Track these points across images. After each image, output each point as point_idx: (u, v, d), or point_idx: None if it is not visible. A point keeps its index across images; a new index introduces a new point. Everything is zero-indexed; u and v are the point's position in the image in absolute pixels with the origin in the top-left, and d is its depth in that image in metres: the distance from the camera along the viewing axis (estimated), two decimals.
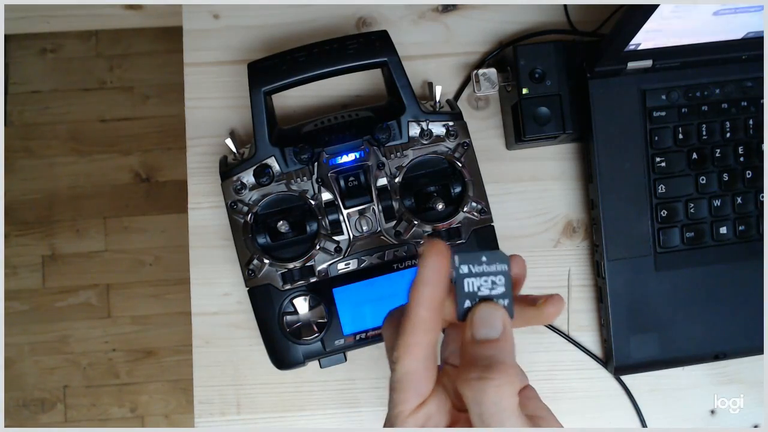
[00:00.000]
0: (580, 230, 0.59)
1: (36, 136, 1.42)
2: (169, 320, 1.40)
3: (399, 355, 0.29)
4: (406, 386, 0.29)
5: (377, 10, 0.61)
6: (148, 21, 1.38)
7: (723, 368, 0.58)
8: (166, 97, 1.42)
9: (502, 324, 0.29)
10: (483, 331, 0.29)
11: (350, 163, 0.52)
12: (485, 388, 0.27)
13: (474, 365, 0.28)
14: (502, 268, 0.30)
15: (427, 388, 0.30)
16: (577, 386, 0.58)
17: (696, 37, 0.51)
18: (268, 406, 0.57)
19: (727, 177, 0.55)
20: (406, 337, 0.29)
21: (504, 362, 0.28)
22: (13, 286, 1.39)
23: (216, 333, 0.58)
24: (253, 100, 0.51)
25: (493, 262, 0.30)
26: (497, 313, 0.29)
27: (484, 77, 0.56)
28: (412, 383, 0.29)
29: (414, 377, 0.29)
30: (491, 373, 0.27)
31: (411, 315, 0.29)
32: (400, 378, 0.29)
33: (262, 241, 0.51)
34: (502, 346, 0.28)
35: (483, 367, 0.27)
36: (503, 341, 0.29)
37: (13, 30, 1.40)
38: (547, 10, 0.60)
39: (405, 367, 0.29)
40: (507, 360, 0.28)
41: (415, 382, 0.29)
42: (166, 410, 1.39)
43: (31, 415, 1.39)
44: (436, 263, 0.29)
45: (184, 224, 0.58)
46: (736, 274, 0.56)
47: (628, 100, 0.55)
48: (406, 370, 0.29)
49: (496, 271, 0.30)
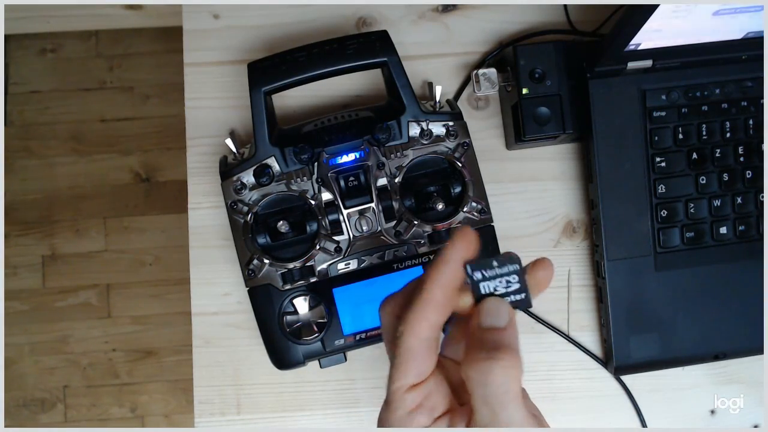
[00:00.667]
0: (580, 230, 0.59)
1: (36, 136, 1.42)
2: (169, 320, 1.40)
3: (404, 330, 0.29)
4: (407, 360, 0.29)
5: (377, 10, 0.61)
6: (148, 21, 1.38)
7: (723, 368, 0.58)
8: (166, 97, 1.42)
9: (508, 315, 0.30)
10: (490, 320, 0.29)
11: (350, 163, 0.52)
12: (493, 368, 0.27)
13: (482, 347, 0.28)
14: (514, 268, 0.31)
15: (427, 367, 0.30)
16: (577, 386, 0.58)
17: (696, 37, 0.51)
18: (268, 406, 0.57)
19: (727, 177, 0.55)
20: (416, 312, 0.29)
21: (511, 346, 0.28)
22: (13, 286, 1.39)
23: (216, 333, 0.58)
24: (253, 100, 0.51)
25: (504, 264, 0.31)
26: (504, 305, 0.30)
27: (484, 77, 0.56)
28: (414, 359, 0.29)
29: (416, 353, 0.29)
30: (499, 353, 0.28)
31: (425, 292, 0.29)
32: (402, 352, 0.29)
33: (262, 241, 0.51)
34: (509, 333, 0.29)
35: (491, 349, 0.28)
36: (510, 329, 0.29)
37: (13, 30, 1.40)
38: (547, 10, 0.60)
39: (409, 341, 0.29)
40: (514, 345, 0.29)
41: (416, 359, 0.29)
42: (166, 410, 1.39)
43: (31, 415, 1.39)
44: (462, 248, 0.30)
45: (184, 224, 0.58)
46: (736, 274, 0.56)
47: (628, 100, 0.55)
48: (409, 345, 0.29)
49: (508, 271, 0.31)
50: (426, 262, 0.52)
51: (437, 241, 0.52)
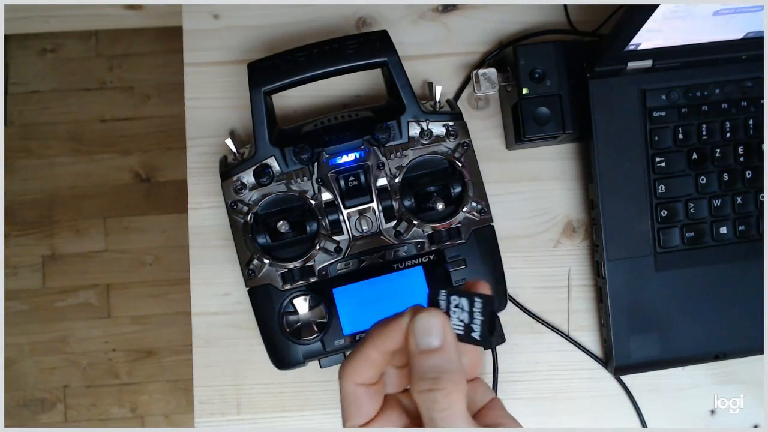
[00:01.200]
0: (580, 230, 0.59)
1: (36, 136, 1.42)
2: (169, 320, 1.40)
3: (341, 376, 0.32)
4: (348, 405, 0.32)
5: (377, 10, 0.61)
6: (148, 21, 1.38)
7: (723, 368, 0.58)
8: (166, 97, 1.42)
9: (441, 332, 0.30)
10: (425, 340, 0.30)
11: (350, 163, 0.52)
12: (436, 398, 0.29)
13: (423, 378, 0.29)
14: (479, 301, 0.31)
15: (370, 409, 0.32)
16: (577, 386, 0.58)
17: (696, 37, 0.51)
18: (268, 406, 0.57)
19: (727, 177, 0.55)
20: (352, 364, 0.31)
21: (449, 370, 0.29)
22: (13, 286, 1.39)
23: (216, 333, 0.58)
24: (253, 100, 0.51)
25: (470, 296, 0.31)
26: (435, 320, 0.30)
27: (484, 77, 0.56)
28: (353, 403, 0.32)
29: (354, 398, 0.32)
30: (439, 384, 0.29)
31: (363, 350, 0.31)
32: (343, 396, 0.32)
33: (262, 241, 0.51)
34: (445, 356, 0.30)
35: (431, 380, 0.29)
36: (445, 350, 0.30)
37: (13, 30, 1.40)
38: (547, 10, 0.60)
39: (345, 388, 0.32)
40: (452, 367, 0.29)
41: (356, 403, 0.32)
42: (166, 410, 1.39)
43: (31, 415, 1.39)
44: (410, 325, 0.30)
45: (184, 224, 0.58)
46: (736, 274, 0.56)
47: (628, 100, 0.55)
48: (346, 392, 0.32)
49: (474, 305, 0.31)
50: (426, 262, 0.52)
51: (437, 241, 0.52)
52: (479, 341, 0.31)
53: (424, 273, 0.52)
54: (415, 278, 0.52)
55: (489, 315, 0.31)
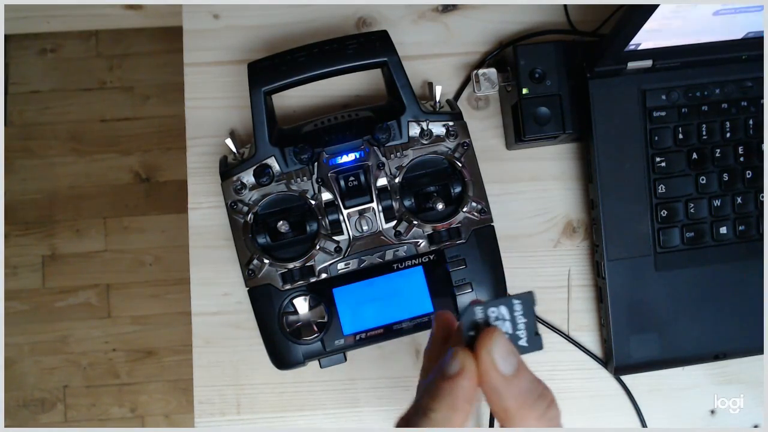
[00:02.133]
0: (580, 230, 0.59)
1: (36, 136, 1.42)
2: (169, 320, 1.40)
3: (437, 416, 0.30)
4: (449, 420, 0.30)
5: (377, 10, 0.61)
6: (148, 21, 1.38)
7: (723, 368, 0.58)
8: (166, 97, 1.42)
9: (512, 349, 0.30)
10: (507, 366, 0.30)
11: (350, 163, 0.52)
12: (552, 416, 0.31)
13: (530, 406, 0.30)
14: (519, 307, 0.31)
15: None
16: (577, 386, 0.58)
17: (696, 37, 0.51)
18: (268, 406, 0.57)
19: (727, 177, 0.55)
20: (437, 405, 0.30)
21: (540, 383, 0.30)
22: (13, 286, 1.39)
23: (216, 333, 0.58)
24: (253, 100, 0.51)
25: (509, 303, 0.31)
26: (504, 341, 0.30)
27: (484, 77, 0.56)
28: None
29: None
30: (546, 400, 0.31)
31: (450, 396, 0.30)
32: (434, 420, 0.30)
33: (262, 241, 0.51)
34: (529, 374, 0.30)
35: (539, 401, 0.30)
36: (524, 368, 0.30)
37: (13, 30, 1.40)
38: (547, 10, 0.60)
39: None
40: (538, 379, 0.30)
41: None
42: (166, 410, 1.39)
43: (31, 415, 1.39)
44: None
45: (184, 224, 0.58)
46: (736, 274, 0.56)
47: (628, 100, 0.55)
48: None
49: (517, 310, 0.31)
50: (426, 262, 0.52)
51: (437, 241, 0.52)
52: (528, 347, 0.31)
53: (424, 273, 0.52)
54: (415, 278, 0.52)
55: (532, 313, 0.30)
